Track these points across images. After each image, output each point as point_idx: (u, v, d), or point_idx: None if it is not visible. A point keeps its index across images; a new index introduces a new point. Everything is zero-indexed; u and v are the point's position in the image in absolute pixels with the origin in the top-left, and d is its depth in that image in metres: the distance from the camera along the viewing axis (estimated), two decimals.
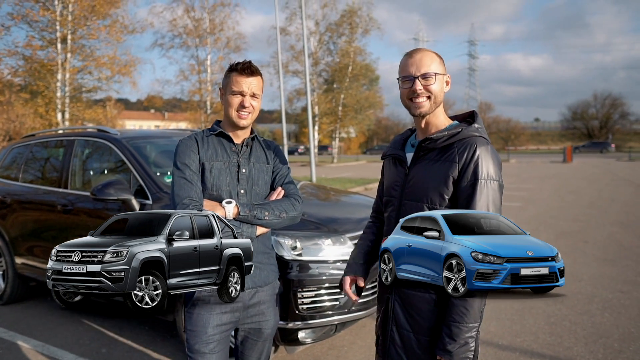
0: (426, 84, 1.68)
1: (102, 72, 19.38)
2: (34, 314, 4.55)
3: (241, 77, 2.01)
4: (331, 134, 37.36)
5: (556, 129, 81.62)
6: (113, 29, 19.01)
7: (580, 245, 7.09)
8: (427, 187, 1.69)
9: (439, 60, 1.72)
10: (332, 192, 4.61)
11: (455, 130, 1.69)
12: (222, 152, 2.06)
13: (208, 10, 28.42)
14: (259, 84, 2.06)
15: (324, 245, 3.10)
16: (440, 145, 1.69)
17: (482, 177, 1.62)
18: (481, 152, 1.64)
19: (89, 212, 3.89)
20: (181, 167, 2.00)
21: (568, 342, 3.72)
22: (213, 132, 2.09)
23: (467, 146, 1.65)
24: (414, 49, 1.77)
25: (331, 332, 3.13)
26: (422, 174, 1.71)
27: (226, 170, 2.04)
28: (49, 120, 18.23)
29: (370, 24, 34.41)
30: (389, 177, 1.88)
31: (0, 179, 4.98)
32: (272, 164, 2.16)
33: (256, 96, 2.05)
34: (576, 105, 70.68)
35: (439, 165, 1.68)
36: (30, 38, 17.92)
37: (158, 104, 36.04)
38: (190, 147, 2.04)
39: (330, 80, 36.09)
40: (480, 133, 1.69)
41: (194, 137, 2.08)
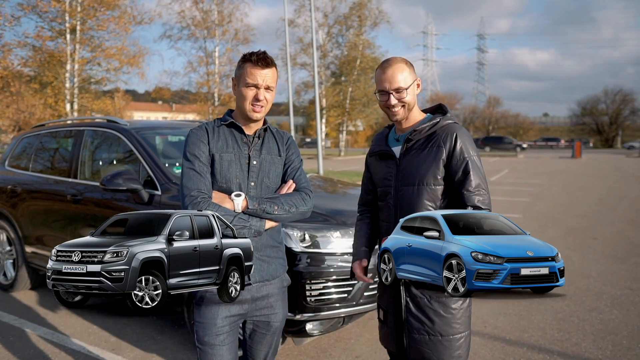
0: (399, 97, 1.90)
1: (110, 63, 19.49)
2: (44, 302, 4.59)
3: (256, 68, 1.94)
4: (338, 127, 37.26)
5: (565, 125, 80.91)
6: (122, 20, 19.07)
7: (589, 242, 7.04)
8: (420, 171, 1.88)
9: (408, 70, 1.92)
10: (340, 185, 4.60)
11: (435, 121, 1.92)
12: (232, 143, 2.01)
13: (216, 2, 28.37)
14: (274, 75, 2.00)
15: (332, 238, 3.10)
16: (424, 135, 1.91)
17: (469, 154, 1.87)
18: (461, 136, 1.89)
19: (97, 202, 3.91)
20: (191, 159, 1.95)
21: (576, 339, 3.71)
22: (224, 122, 2.04)
23: (449, 132, 1.89)
24: (386, 60, 1.96)
25: (339, 325, 3.14)
26: (414, 161, 1.90)
27: (236, 162, 1.99)
28: (58, 111, 18.34)
29: (379, 17, 34.22)
30: (379, 172, 2.03)
31: (11, 168, 5.02)
32: (284, 156, 2.11)
33: (271, 88, 1.99)
34: (585, 101, 69.92)
35: (428, 151, 1.89)
36: (40, 29, 18.03)
37: (166, 96, 36.10)
38: (200, 137, 1.99)
39: (338, 73, 35.96)
40: (454, 120, 1.96)
41: (204, 128, 2.03)
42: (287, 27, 19.63)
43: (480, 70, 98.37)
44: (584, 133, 67.73)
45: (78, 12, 17.93)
